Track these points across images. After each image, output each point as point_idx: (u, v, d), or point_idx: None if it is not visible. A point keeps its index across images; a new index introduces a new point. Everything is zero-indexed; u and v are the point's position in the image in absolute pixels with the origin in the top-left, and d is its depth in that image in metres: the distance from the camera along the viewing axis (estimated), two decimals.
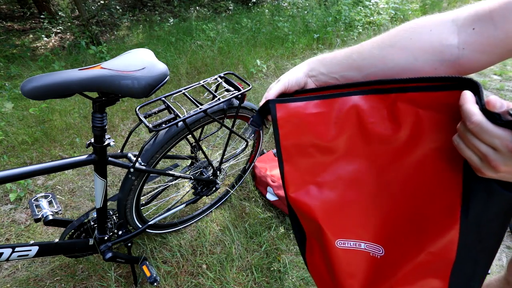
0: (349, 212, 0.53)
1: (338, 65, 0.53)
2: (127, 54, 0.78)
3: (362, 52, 0.50)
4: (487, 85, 2.86)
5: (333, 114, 0.50)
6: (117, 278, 1.19)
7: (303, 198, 0.56)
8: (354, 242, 0.54)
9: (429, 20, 0.45)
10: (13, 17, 5.02)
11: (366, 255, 0.53)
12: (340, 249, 0.54)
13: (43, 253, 0.91)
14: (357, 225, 0.53)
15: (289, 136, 0.55)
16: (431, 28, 0.44)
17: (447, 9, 2.85)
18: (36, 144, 1.90)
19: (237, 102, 1.09)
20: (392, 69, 0.47)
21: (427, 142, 0.43)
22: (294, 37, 3.43)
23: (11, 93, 2.40)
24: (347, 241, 0.54)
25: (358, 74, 0.51)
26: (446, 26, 0.43)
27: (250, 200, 1.54)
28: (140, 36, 3.97)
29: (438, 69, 0.44)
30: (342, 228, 0.54)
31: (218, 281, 1.20)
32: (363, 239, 0.53)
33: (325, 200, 0.54)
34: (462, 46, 0.42)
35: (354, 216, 0.53)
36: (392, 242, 0.51)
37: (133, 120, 2.21)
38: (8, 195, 1.52)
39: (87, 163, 0.82)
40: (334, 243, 0.54)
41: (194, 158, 1.31)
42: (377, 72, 0.49)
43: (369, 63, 0.49)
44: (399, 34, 0.47)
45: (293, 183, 0.57)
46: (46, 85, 0.63)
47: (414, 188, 0.46)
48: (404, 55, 0.46)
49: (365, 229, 0.53)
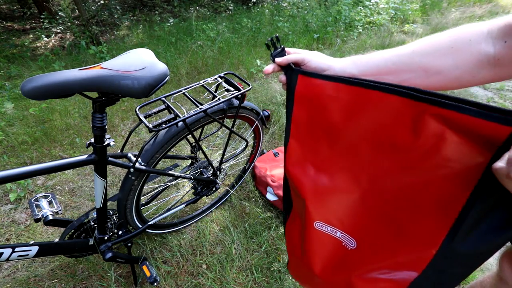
0: (336, 200, 0.54)
1: (375, 67, 0.52)
2: (127, 54, 0.78)
3: (402, 56, 0.50)
4: (487, 85, 2.85)
5: (352, 104, 0.49)
6: (117, 278, 1.19)
7: (299, 174, 0.57)
8: (332, 228, 0.56)
9: (467, 30, 0.46)
10: (13, 17, 5.02)
11: (338, 243, 0.56)
12: (317, 230, 0.57)
13: (43, 253, 0.90)
14: (339, 214, 0.55)
15: (303, 112, 0.55)
16: (470, 38, 0.45)
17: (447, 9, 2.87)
18: (36, 144, 1.90)
19: (237, 102, 1.09)
20: (432, 77, 0.48)
21: (440, 163, 0.41)
22: (294, 37, 3.43)
23: (11, 93, 2.40)
24: (325, 226, 0.56)
25: (394, 78, 0.51)
26: (482, 37, 0.45)
27: (250, 200, 1.54)
28: (140, 36, 3.97)
29: (475, 77, 0.46)
30: (324, 213, 0.56)
31: (218, 281, 1.20)
32: (341, 229, 0.55)
33: (317, 182, 0.56)
34: (497, 57, 0.44)
35: (340, 206, 0.54)
36: (366, 240, 0.53)
37: (133, 120, 2.21)
38: (8, 195, 1.52)
39: (87, 163, 0.82)
40: (313, 223, 0.57)
41: (194, 158, 1.31)
42: (414, 79, 0.50)
43: (409, 68, 0.50)
44: (440, 43, 0.48)
45: (294, 157, 0.58)
46: (46, 85, 0.63)
47: (408, 201, 0.46)
48: (446, 63, 0.47)
49: (346, 220, 0.54)
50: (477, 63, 0.45)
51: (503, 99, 2.63)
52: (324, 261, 0.58)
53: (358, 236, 0.53)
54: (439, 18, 4.27)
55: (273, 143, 1.98)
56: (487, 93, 2.74)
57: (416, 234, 0.46)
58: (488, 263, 1.33)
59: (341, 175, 0.53)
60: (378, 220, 0.50)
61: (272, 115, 2.14)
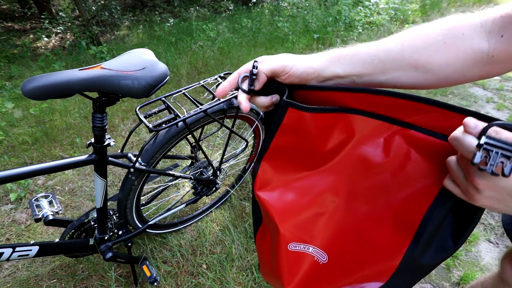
0: (309, 219, 0.54)
1: (360, 65, 0.46)
2: (127, 54, 0.78)
3: (390, 51, 0.45)
4: (487, 86, 2.86)
5: (336, 129, 0.48)
6: (117, 278, 1.19)
7: (268, 198, 0.55)
8: (304, 245, 0.55)
9: (460, 22, 0.42)
10: (13, 17, 5.02)
11: (310, 258, 0.55)
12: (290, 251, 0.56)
13: (44, 253, 0.91)
14: (312, 231, 0.54)
15: (284, 140, 0.52)
16: (463, 32, 0.41)
17: (446, 9, 2.86)
18: (36, 144, 1.90)
19: (237, 102, 1.09)
20: (421, 75, 0.44)
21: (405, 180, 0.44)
22: (294, 37, 3.43)
23: (12, 93, 2.41)
24: (298, 245, 0.56)
25: (380, 77, 0.46)
26: (476, 30, 0.41)
27: (250, 200, 1.54)
28: (140, 36, 3.97)
29: (466, 75, 0.43)
30: (298, 233, 0.55)
31: (218, 281, 1.21)
32: (313, 244, 0.55)
33: (289, 204, 0.54)
34: (492, 53, 0.40)
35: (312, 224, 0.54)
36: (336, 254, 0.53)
37: (133, 120, 2.21)
38: (8, 195, 1.53)
39: (87, 163, 0.82)
40: (287, 246, 0.55)
41: (194, 158, 1.31)
42: (401, 77, 0.45)
43: (398, 65, 0.45)
44: (432, 36, 0.43)
45: (263, 181, 0.56)
46: (46, 85, 0.63)
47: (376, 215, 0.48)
48: (437, 61, 0.43)
49: (318, 236, 0.54)
50: (469, 61, 0.42)
51: (503, 99, 2.63)
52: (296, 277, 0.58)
53: (329, 250, 0.54)
54: (439, 18, 4.27)
55: None
56: (487, 93, 2.74)
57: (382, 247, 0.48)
58: (488, 263, 1.33)
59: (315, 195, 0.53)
60: (348, 234, 0.52)
61: None
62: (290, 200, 0.54)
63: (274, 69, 0.46)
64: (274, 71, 0.46)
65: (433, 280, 1.26)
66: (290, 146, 0.53)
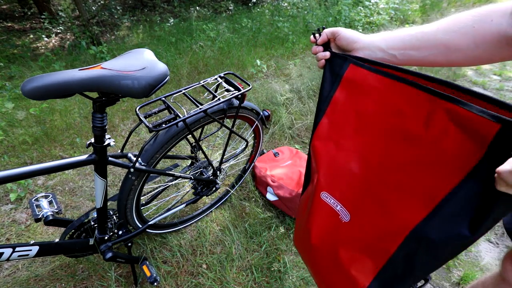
0: (344, 177, 0.61)
1: (400, 41, 0.56)
2: (127, 54, 0.78)
3: (427, 33, 0.53)
4: (487, 85, 2.86)
5: (385, 94, 0.54)
6: (117, 278, 1.19)
7: (320, 148, 0.65)
8: (334, 201, 0.63)
9: (491, 10, 0.48)
10: (13, 17, 5.02)
11: (336, 216, 0.63)
12: (321, 200, 0.65)
13: (44, 253, 0.91)
14: (343, 189, 0.61)
15: (343, 95, 0.61)
16: (492, 18, 0.47)
17: (446, 9, 2.87)
18: (36, 144, 1.90)
19: (237, 102, 1.09)
20: (452, 54, 0.51)
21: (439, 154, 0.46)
22: (294, 37, 3.43)
23: (12, 93, 2.41)
24: (329, 197, 0.64)
25: (418, 53, 0.55)
26: (505, 18, 0.46)
27: (250, 200, 1.54)
28: (140, 36, 3.97)
29: (495, 55, 0.49)
30: (331, 185, 0.63)
31: (218, 281, 1.21)
32: (341, 202, 0.62)
33: (333, 158, 0.63)
34: None
35: (345, 182, 0.61)
36: (358, 215, 0.59)
37: (133, 120, 2.21)
38: (8, 195, 1.53)
39: (87, 163, 0.82)
40: (320, 193, 0.65)
41: (194, 158, 1.31)
42: (436, 55, 0.53)
43: (432, 45, 0.53)
44: (463, 21, 0.50)
45: (322, 133, 0.65)
46: (46, 85, 0.63)
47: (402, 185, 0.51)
48: (466, 42, 0.49)
49: (347, 194, 0.61)
50: (496, 44, 0.47)
51: (503, 99, 2.63)
52: (320, 230, 0.65)
53: (353, 210, 0.60)
54: (439, 18, 4.26)
55: (273, 143, 1.98)
56: (487, 93, 2.74)
57: (398, 214, 0.51)
58: (488, 263, 1.33)
59: (354, 155, 0.59)
60: (372, 198, 0.56)
61: (272, 115, 2.14)
62: (334, 155, 0.63)
63: (331, 30, 0.64)
64: (332, 32, 0.63)
65: (433, 280, 1.26)
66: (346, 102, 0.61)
